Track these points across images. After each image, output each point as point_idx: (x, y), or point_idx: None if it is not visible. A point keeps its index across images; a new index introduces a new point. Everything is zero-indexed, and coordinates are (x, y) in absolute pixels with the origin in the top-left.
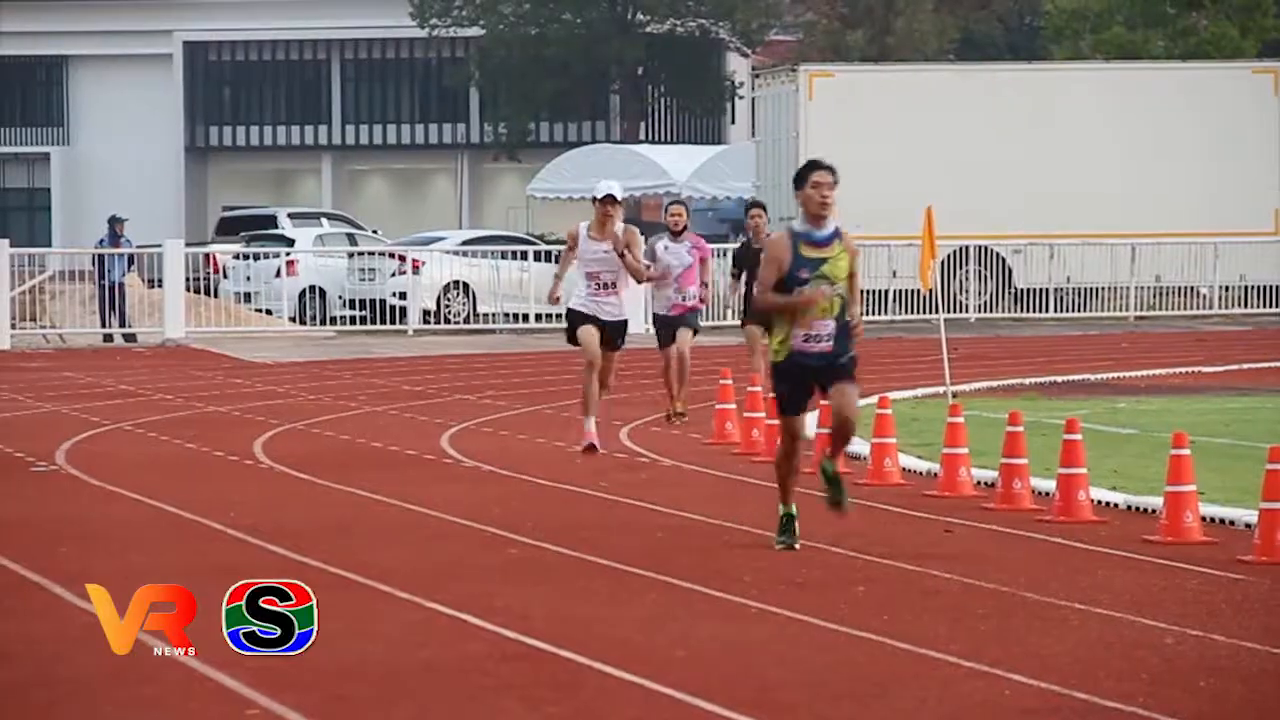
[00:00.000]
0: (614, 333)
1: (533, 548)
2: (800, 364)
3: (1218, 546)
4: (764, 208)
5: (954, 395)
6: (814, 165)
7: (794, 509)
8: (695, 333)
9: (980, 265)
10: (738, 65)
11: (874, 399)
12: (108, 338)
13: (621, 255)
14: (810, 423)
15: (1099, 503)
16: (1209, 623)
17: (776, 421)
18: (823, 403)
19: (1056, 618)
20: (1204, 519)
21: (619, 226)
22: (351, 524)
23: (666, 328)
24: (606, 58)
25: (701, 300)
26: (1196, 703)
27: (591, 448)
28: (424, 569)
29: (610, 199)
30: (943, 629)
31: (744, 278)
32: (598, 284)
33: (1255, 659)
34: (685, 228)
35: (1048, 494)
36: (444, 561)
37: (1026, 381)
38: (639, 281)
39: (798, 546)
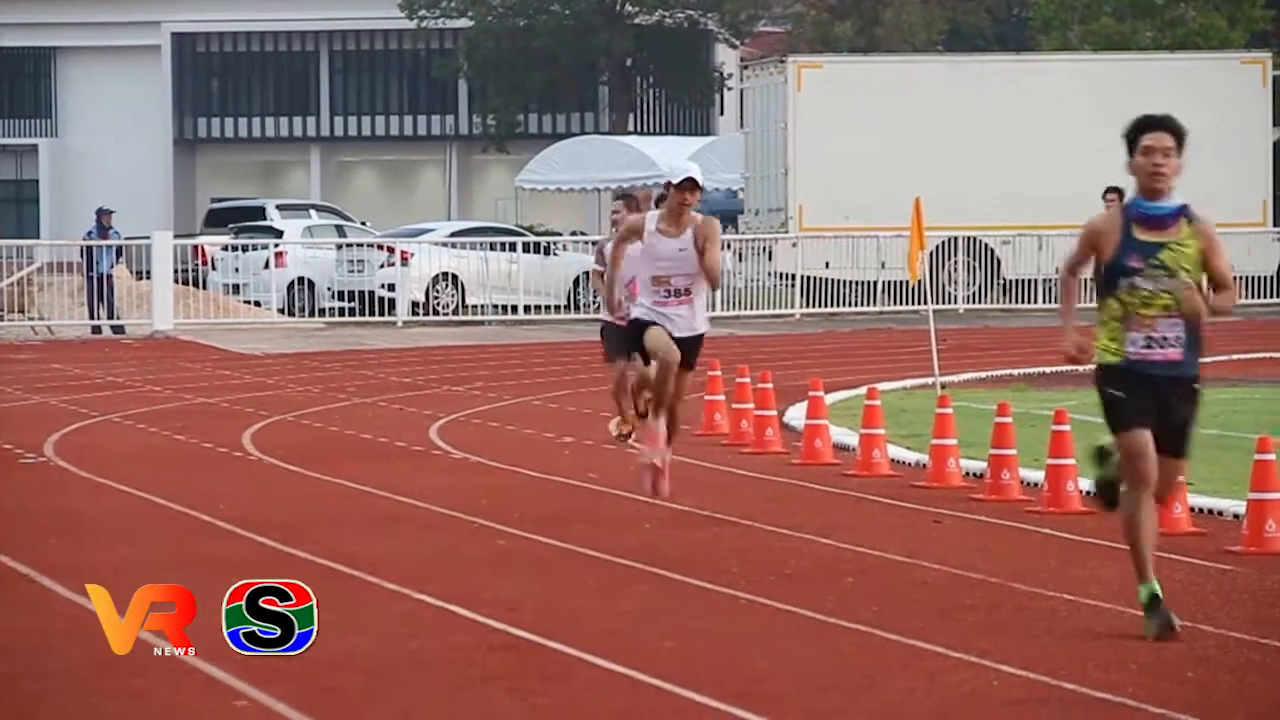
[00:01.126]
0: (688, 350)
1: (521, 539)
2: (1142, 373)
3: (1206, 537)
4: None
5: (943, 386)
6: (1146, 125)
7: (1156, 585)
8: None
9: (969, 256)
10: (726, 57)
11: (862, 390)
12: (96, 329)
13: (701, 253)
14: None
15: (1088, 494)
16: (1197, 613)
17: (769, 413)
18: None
19: (1045, 609)
20: (1192, 510)
21: (695, 218)
22: (340, 515)
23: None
24: (595, 49)
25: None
26: (1185, 693)
27: (657, 472)
28: (412, 560)
29: (691, 184)
30: (931, 620)
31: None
32: (667, 290)
33: (1243, 649)
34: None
35: (1036, 485)
36: (432, 553)
37: (1015, 372)
38: (714, 287)
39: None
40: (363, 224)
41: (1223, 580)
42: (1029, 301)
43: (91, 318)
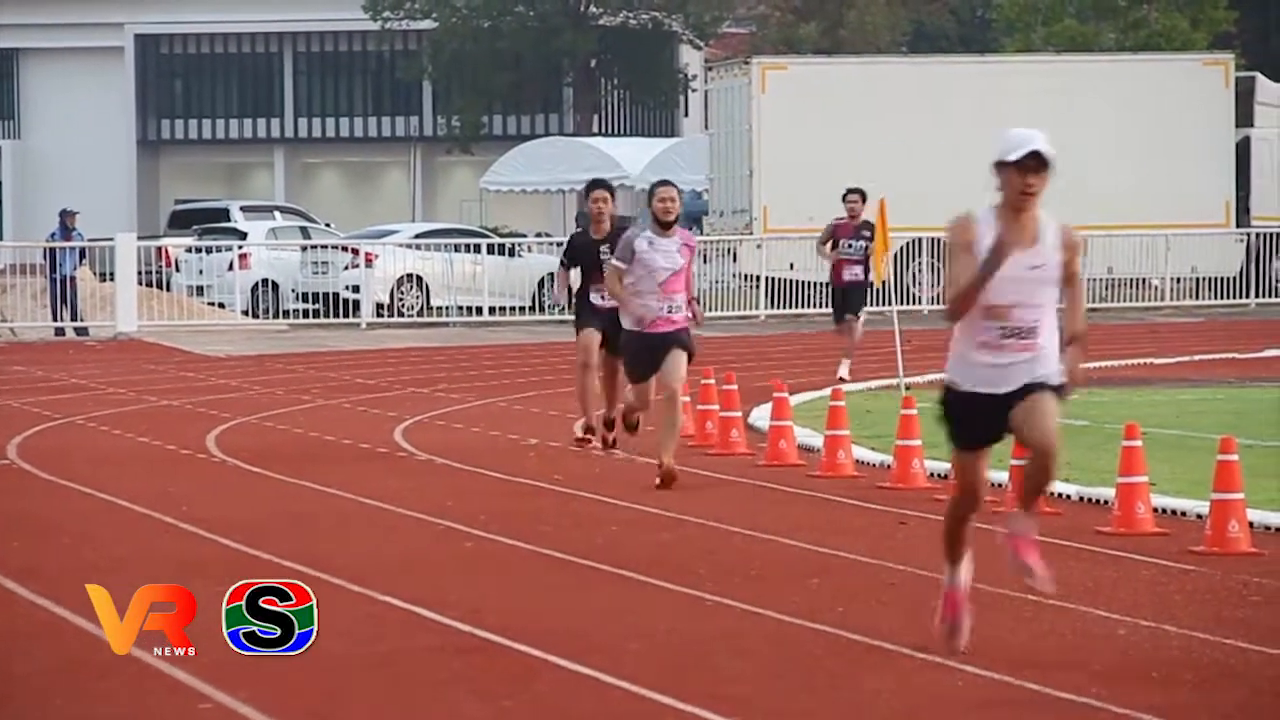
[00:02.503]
0: None
1: (487, 541)
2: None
3: (1169, 537)
4: (611, 190)
5: (907, 387)
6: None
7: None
8: (691, 358)
9: (933, 257)
10: (691, 58)
11: (827, 391)
12: (59, 331)
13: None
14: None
15: (1052, 494)
16: (1161, 613)
17: (733, 414)
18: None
19: (1010, 609)
20: (1156, 510)
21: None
22: (304, 517)
23: (646, 352)
24: (559, 51)
25: (694, 316)
26: (1148, 693)
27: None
28: (377, 562)
29: (1038, 157)
30: (897, 621)
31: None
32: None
33: (1207, 649)
34: (677, 218)
35: (1001, 486)
36: (397, 555)
37: None
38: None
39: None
40: (327, 225)
41: (1185, 580)
42: None
43: (55, 320)
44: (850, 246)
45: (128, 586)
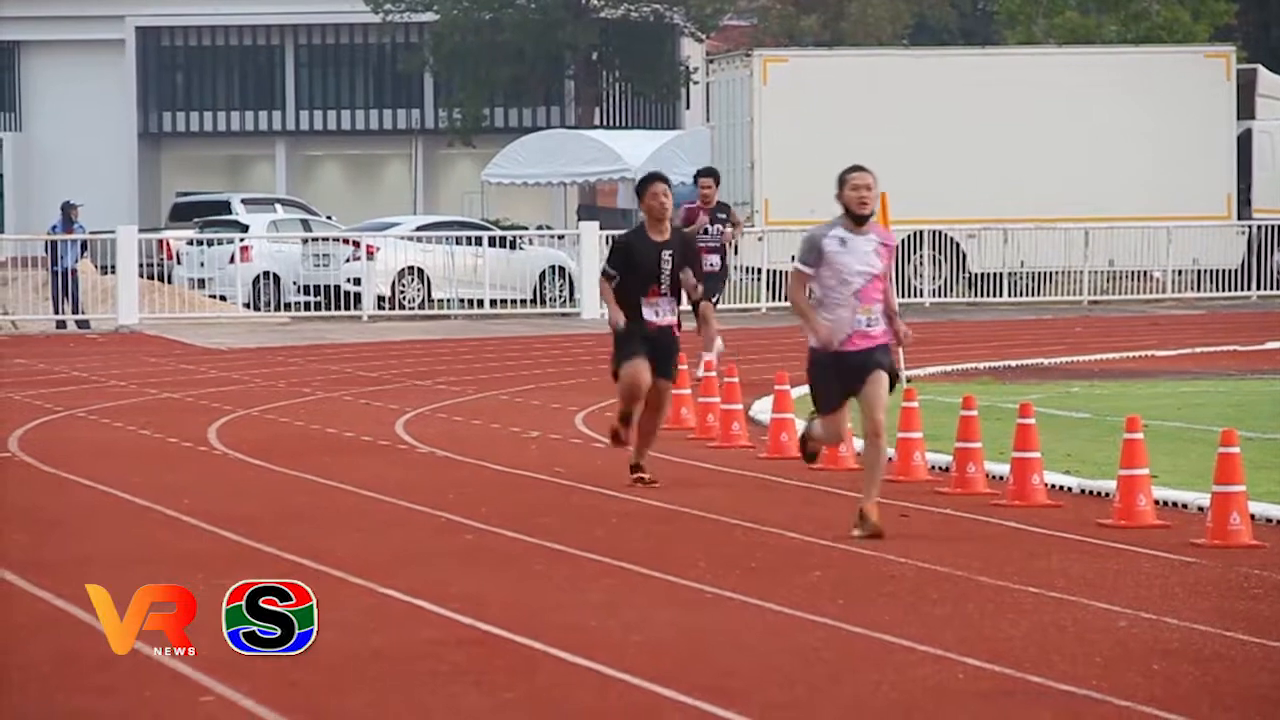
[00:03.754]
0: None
1: (488, 533)
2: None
3: (1170, 530)
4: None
5: (908, 380)
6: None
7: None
8: (895, 383)
9: (934, 250)
10: (692, 50)
11: None
12: (61, 324)
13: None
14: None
15: (1053, 487)
16: (1162, 606)
17: (734, 407)
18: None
19: (1010, 601)
20: (1157, 502)
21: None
22: (306, 510)
23: (839, 376)
24: (561, 43)
25: (898, 335)
26: (1149, 685)
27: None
28: (378, 555)
29: None
30: (897, 613)
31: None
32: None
33: (1208, 641)
34: (872, 212)
35: (1002, 478)
36: (398, 547)
37: (980, 366)
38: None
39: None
40: (328, 218)
41: (1187, 573)
42: (994, 295)
43: (56, 312)
44: (705, 233)
45: (129, 579)
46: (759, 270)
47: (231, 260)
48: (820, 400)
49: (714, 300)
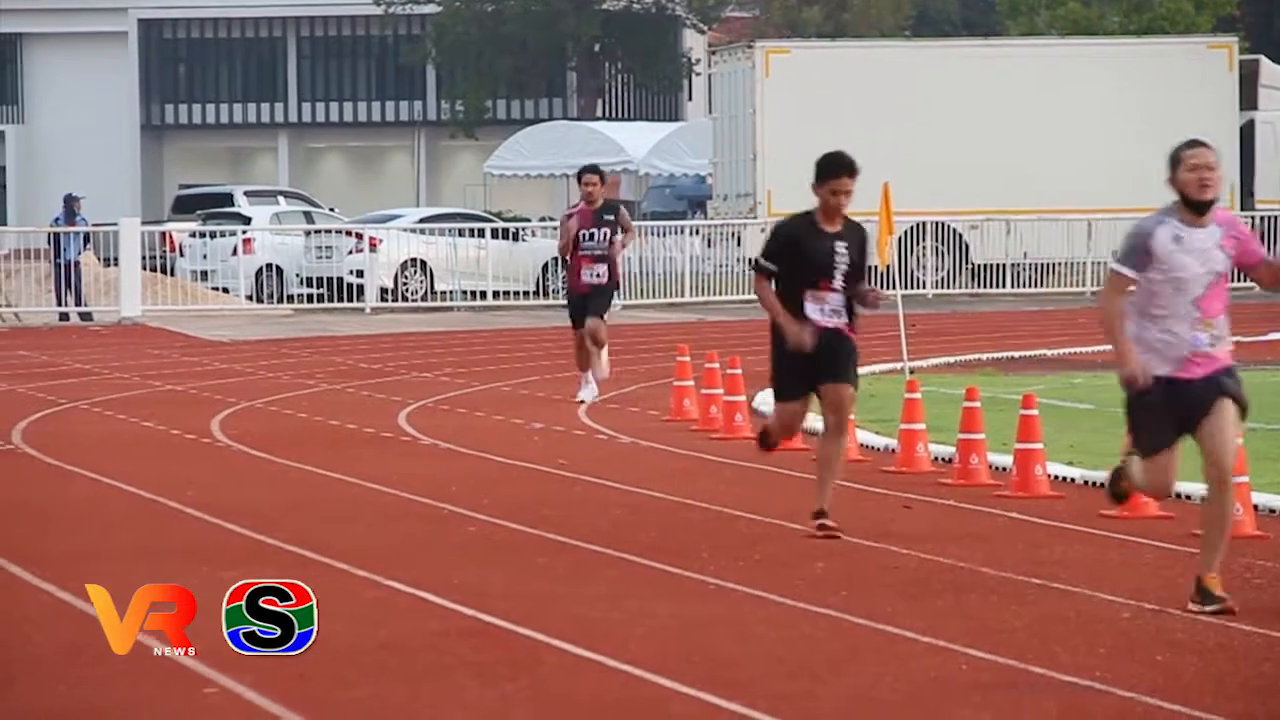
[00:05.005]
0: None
1: (490, 525)
2: None
3: (1174, 521)
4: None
5: (911, 371)
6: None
7: None
8: (1245, 413)
9: (937, 241)
10: (694, 42)
11: None
12: (64, 316)
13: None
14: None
15: (1056, 478)
16: (1165, 597)
17: (738, 398)
18: None
19: (1013, 593)
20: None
21: None
22: (309, 502)
23: (1172, 409)
24: (563, 34)
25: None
26: (1153, 676)
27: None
28: (381, 547)
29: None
30: (900, 604)
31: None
32: None
33: (1211, 632)
34: (1216, 198)
35: (1005, 469)
36: (401, 540)
37: (983, 357)
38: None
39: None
40: (331, 210)
41: (1190, 564)
42: (997, 286)
43: (59, 304)
44: (590, 238)
45: (133, 571)
46: None
47: (234, 252)
48: (1146, 439)
49: (603, 316)
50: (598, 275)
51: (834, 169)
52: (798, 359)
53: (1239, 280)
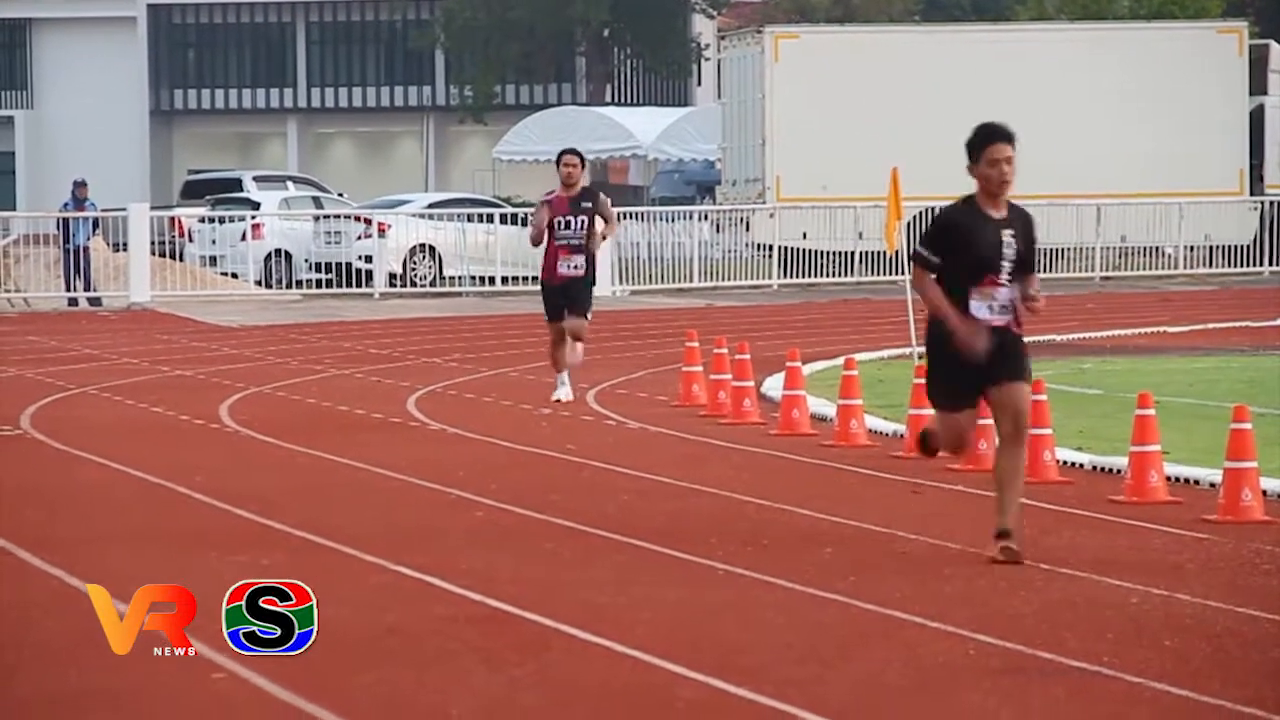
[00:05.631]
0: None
1: (498, 510)
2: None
3: (1183, 506)
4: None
5: (920, 356)
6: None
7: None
8: None
9: None
10: (703, 27)
11: (840, 360)
12: (73, 301)
13: None
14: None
15: (1064, 463)
16: (1174, 582)
17: (746, 384)
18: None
19: (1022, 578)
20: (1169, 479)
21: None
22: (317, 487)
23: None
24: (572, 20)
25: None
26: (1161, 661)
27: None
28: (389, 532)
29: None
30: (909, 590)
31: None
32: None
33: (1220, 618)
34: None
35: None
36: (409, 525)
37: None
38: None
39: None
40: (340, 195)
41: (1199, 549)
42: None
43: (68, 290)
44: (566, 226)
45: (141, 557)
46: (770, 247)
47: (243, 238)
48: None
49: (586, 314)
50: (574, 267)
51: (988, 137)
52: (961, 361)
53: (1248, 265)
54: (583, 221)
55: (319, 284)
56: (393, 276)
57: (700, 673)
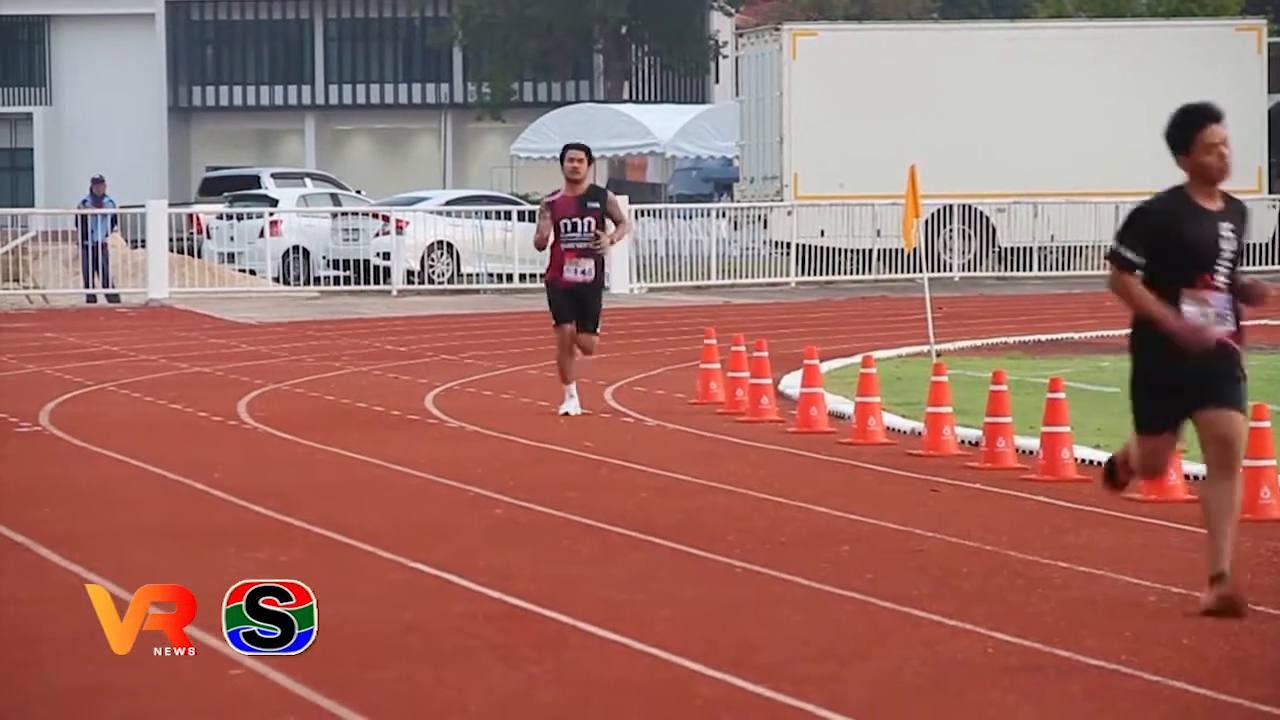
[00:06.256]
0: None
1: (517, 508)
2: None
3: (1200, 504)
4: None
5: (938, 354)
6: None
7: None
8: None
9: (964, 224)
10: (721, 24)
11: (858, 358)
12: (91, 298)
13: None
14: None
15: (1083, 461)
16: (1191, 580)
17: (764, 381)
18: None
19: (1040, 576)
20: (1186, 477)
21: None
22: (335, 484)
23: None
24: (590, 17)
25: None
26: (1179, 660)
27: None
28: (407, 529)
29: None
30: (926, 588)
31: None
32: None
33: None
34: None
35: (1032, 453)
36: (427, 522)
37: (1010, 340)
38: None
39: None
40: (358, 192)
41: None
42: (1024, 269)
43: (86, 286)
44: (573, 228)
45: (159, 553)
46: (788, 245)
47: (261, 234)
48: None
49: (595, 328)
50: (583, 272)
51: (1198, 120)
52: (1170, 377)
53: (1267, 264)
54: (590, 222)
55: (337, 281)
56: (410, 273)
57: (718, 670)
